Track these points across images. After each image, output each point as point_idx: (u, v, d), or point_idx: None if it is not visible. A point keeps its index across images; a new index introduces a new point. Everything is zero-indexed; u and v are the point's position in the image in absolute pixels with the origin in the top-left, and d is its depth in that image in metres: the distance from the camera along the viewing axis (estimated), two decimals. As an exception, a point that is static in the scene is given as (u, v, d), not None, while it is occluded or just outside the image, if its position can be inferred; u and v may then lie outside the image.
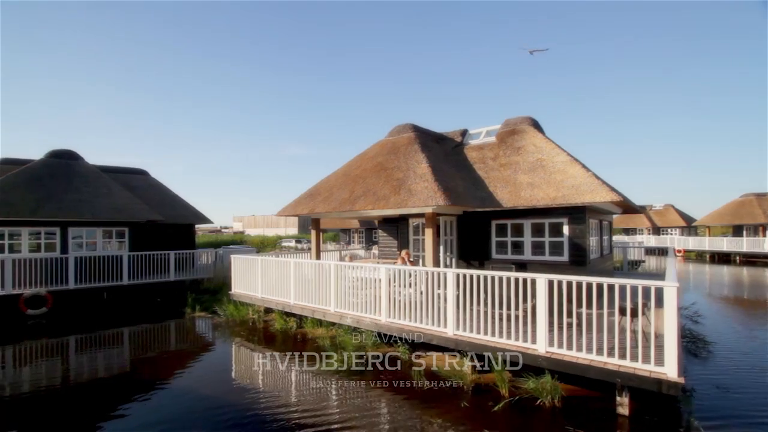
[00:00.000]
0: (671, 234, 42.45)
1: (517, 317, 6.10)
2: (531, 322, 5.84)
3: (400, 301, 7.19)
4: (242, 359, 8.12)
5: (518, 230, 9.46)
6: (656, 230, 43.63)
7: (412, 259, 9.46)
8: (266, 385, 6.56)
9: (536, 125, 11.02)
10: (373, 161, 10.70)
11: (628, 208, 10.47)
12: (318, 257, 11.65)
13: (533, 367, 5.59)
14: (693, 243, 33.46)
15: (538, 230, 9.20)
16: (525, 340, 5.65)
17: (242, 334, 9.65)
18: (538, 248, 9.17)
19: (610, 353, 4.93)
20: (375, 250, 17.69)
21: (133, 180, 18.28)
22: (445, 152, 11.13)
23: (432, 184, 8.27)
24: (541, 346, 5.44)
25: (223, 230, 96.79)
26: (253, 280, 10.48)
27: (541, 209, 8.80)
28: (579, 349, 5.18)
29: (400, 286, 7.32)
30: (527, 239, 9.23)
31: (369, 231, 35.20)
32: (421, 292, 6.91)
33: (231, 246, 22.43)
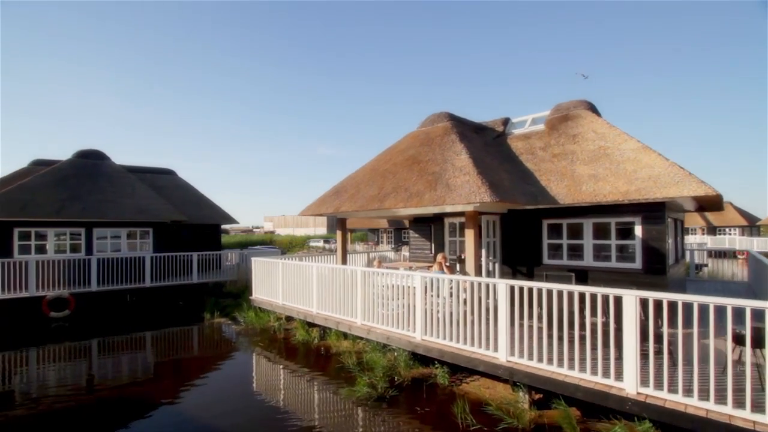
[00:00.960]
0: (730, 234, 38.59)
1: (582, 337, 4.80)
2: (602, 346, 4.57)
3: (438, 316, 6.04)
4: (261, 375, 7.23)
5: (576, 232, 8.05)
6: (712, 230, 39.84)
7: (448, 264, 8.27)
8: (286, 405, 5.60)
9: (593, 109, 9.52)
10: (404, 154, 9.58)
11: (708, 204, 8.78)
12: (344, 260, 10.68)
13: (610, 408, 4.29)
14: (758, 244, 30.02)
15: (601, 231, 7.76)
16: (606, 374, 4.35)
17: (261, 344, 8.82)
18: (601, 253, 7.73)
19: (739, 402, 3.57)
20: (405, 251, 16.57)
21: (160, 180, 18.12)
22: (485, 143, 9.84)
23: (474, 177, 7.05)
24: (630, 384, 4.13)
25: (254, 230, 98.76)
26: (274, 286, 9.64)
27: (605, 206, 7.38)
28: (687, 392, 3.84)
29: (438, 297, 6.17)
30: (588, 242, 7.80)
31: (398, 231, 34.11)
32: (464, 307, 5.74)
33: (257, 247, 22.00)
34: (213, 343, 9.62)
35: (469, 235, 7.52)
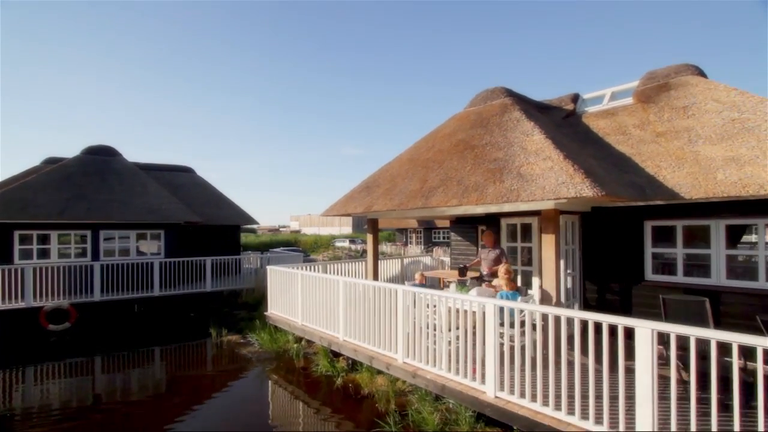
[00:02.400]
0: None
1: None
2: None
3: (522, 362, 4.11)
4: (276, 412, 5.53)
5: (696, 237, 5.87)
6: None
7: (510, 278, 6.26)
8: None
9: (702, 75, 7.26)
10: (451, 139, 7.66)
11: None
12: (375, 271, 8.88)
13: None
14: None
15: (738, 236, 5.56)
16: None
17: (276, 374, 7.18)
18: (739, 267, 5.54)
19: None
20: (443, 256, 14.59)
21: (178, 178, 16.97)
22: (555, 124, 7.76)
23: (562, 163, 5.05)
24: None
25: (280, 229, 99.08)
26: (292, 302, 7.97)
27: (745, 202, 5.21)
28: None
29: (520, 334, 4.22)
30: (718, 252, 5.60)
31: (428, 231, 32.06)
32: (569, 356, 3.78)
33: (278, 249, 20.59)
34: (218, 367, 8.07)
35: (548, 241, 5.50)
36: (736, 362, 2.79)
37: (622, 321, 3.34)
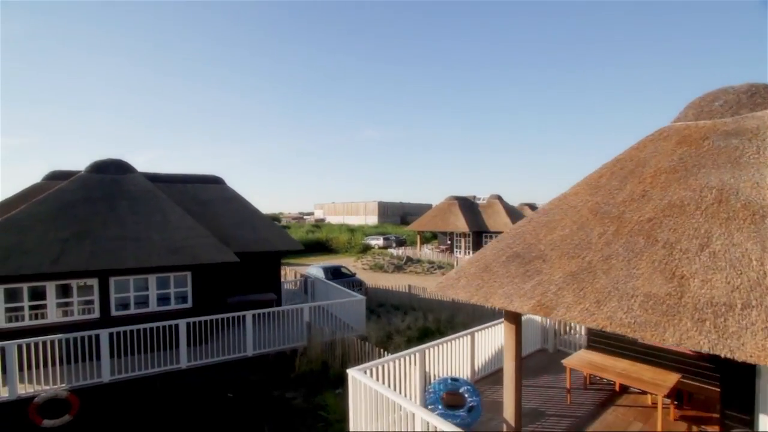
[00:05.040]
0: None
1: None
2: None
3: None
4: None
5: None
6: None
7: None
8: None
9: None
10: (689, 182, 4.18)
11: None
12: (516, 403, 5.59)
13: None
14: None
15: None
16: None
17: None
18: None
19: None
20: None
21: (205, 192, 14.06)
22: None
23: None
24: None
25: (304, 217, 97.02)
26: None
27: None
28: None
29: None
30: None
31: (478, 235, 28.52)
32: None
33: (315, 268, 17.50)
34: None
35: None
36: None
37: None
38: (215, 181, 14.86)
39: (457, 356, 6.85)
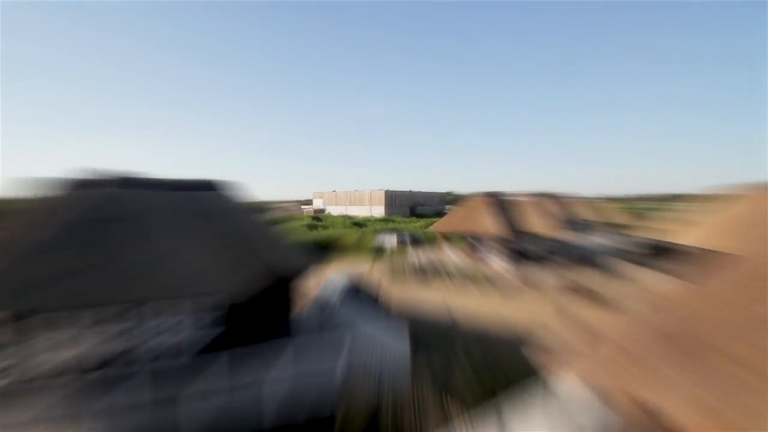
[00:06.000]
0: None
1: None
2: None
3: None
4: None
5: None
6: None
7: None
8: None
9: None
10: None
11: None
12: None
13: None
14: None
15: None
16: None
17: None
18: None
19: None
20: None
21: (210, 200, 12.17)
22: None
23: None
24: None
25: (302, 207, 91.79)
26: None
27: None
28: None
29: None
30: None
31: (514, 237, 26.49)
32: None
33: (329, 282, 15.47)
34: None
35: None
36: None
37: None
38: (215, 188, 12.88)
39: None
